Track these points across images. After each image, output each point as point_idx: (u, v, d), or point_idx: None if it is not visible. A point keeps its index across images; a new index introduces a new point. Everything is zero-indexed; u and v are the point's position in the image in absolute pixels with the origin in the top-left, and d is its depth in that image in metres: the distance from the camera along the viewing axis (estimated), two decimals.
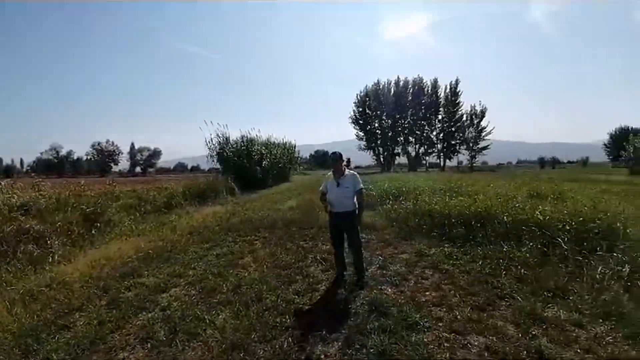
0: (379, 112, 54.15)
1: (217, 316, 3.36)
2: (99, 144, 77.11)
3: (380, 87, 54.36)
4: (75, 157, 77.58)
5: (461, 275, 4.25)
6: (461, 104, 53.31)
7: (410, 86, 54.50)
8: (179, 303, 3.72)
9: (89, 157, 77.55)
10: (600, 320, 2.92)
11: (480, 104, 53.72)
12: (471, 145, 54.98)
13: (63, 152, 76.61)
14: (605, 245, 4.23)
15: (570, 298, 3.34)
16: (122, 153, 78.98)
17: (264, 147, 20.12)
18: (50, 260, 4.89)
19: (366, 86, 54.79)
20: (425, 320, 3.11)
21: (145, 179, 25.79)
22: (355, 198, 4.11)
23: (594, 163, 62.57)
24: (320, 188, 4.32)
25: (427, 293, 3.78)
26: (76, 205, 6.79)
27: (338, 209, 4.10)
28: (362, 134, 54.53)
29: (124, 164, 79.61)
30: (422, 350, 2.60)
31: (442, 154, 55.82)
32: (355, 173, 4.20)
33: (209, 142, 18.08)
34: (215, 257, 5.51)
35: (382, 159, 55.60)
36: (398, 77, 54.41)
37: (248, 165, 17.91)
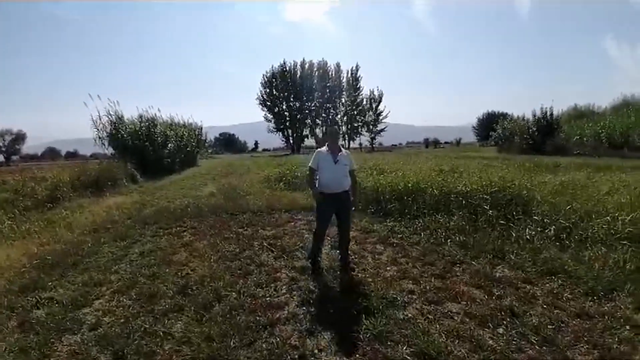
0: (286, 93, 53.78)
1: (171, 326, 2.79)
2: None
3: (287, 68, 53.84)
4: None
5: (411, 248, 4.47)
6: (362, 88, 56.76)
7: (315, 69, 55.38)
8: (112, 318, 2.98)
9: None
10: (548, 278, 3.35)
11: (377, 89, 57.99)
12: (371, 127, 59.47)
13: None
14: (521, 210, 4.97)
15: (511, 258, 3.81)
16: None
17: (168, 128, 17.89)
18: None
19: (272, 66, 53.64)
20: (401, 295, 3.15)
21: (11, 169, 20.51)
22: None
23: (465, 143, 74.59)
24: (310, 164, 3.84)
25: (388, 268, 3.86)
26: None
27: (336, 189, 3.68)
28: (271, 116, 53.65)
29: None
30: (414, 326, 2.60)
31: (346, 135, 58.95)
32: (349, 151, 3.95)
33: (96, 121, 15.15)
34: (139, 255, 4.64)
35: (291, 141, 55.84)
36: (303, 60, 54.66)
37: (151, 149, 15.73)
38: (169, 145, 17.46)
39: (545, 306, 2.84)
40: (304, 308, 3.01)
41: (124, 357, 2.40)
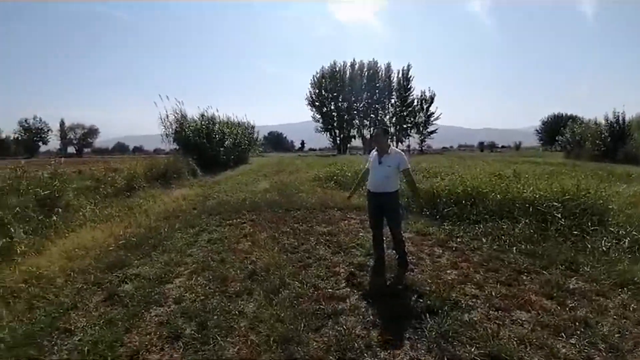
0: (335, 94, 54.20)
1: (244, 307, 3.05)
2: (26, 120, 66.75)
3: (337, 69, 54.25)
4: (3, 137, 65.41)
5: (472, 253, 4.36)
6: (412, 89, 55.37)
7: (365, 69, 55.15)
8: (193, 294, 3.32)
9: (16, 136, 66.11)
10: (620, 290, 3.18)
11: (429, 90, 56.14)
12: (421, 129, 57.73)
13: None
14: (596, 220, 4.61)
15: (586, 270, 3.59)
16: (51, 131, 69.22)
17: (225, 127, 19.01)
18: (17, 251, 4.09)
19: (322, 67, 54.41)
20: (464, 298, 3.12)
21: (84, 160, 23.13)
22: (398, 179, 3.86)
23: (526, 147, 69.53)
24: (366, 165, 4.10)
25: (449, 271, 3.81)
26: (30, 189, 5.75)
27: (376, 189, 3.82)
28: (319, 116, 54.43)
29: (53, 143, 70.26)
30: (480, 329, 2.58)
31: (394, 137, 57.87)
32: (401, 152, 3.92)
33: (164, 119, 16.58)
34: (208, 242, 5.06)
35: (338, 142, 56.16)
36: (354, 60, 54.75)
37: (209, 146, 16.83)
38: (226, 142, 18.51)
39: (615, 317, 2.74)
40: (366, 302, 3.11)
41: (207, 329, 2.68)
